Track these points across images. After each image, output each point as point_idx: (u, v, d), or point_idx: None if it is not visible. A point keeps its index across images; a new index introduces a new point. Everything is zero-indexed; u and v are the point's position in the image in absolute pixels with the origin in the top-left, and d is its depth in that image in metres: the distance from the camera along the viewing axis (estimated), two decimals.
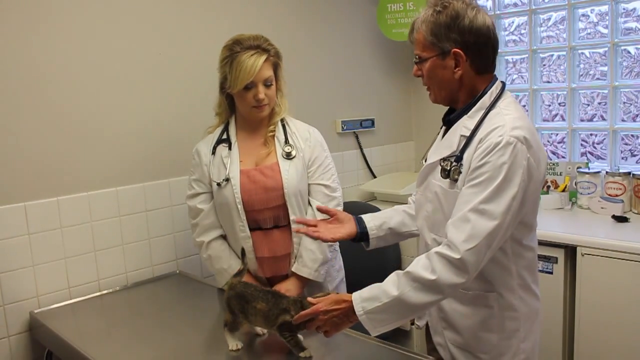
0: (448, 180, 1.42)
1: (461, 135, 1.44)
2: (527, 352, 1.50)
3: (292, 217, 1.89)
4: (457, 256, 1.29)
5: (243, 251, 1.70)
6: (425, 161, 1.57)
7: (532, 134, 1.37)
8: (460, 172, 1.40)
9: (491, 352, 1.49)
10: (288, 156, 1.90)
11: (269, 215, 1.90)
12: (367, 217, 1.70)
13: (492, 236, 1.31)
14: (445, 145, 1.48)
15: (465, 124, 1.44)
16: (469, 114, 1.45)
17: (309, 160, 1.93)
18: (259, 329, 1.64)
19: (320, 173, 1.95)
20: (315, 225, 1.64)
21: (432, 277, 1.30)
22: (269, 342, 1.64)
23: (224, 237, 1.98)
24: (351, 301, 1.38)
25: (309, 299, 1.45)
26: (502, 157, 1.31)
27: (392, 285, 1.35)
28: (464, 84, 1.45)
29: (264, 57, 1.82)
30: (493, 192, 1.31)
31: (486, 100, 1.44)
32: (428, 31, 1.42)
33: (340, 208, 1.96)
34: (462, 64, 1.41)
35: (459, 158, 1.41)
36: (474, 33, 1.39)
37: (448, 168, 1.42)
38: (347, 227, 1.65)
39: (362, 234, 1.66)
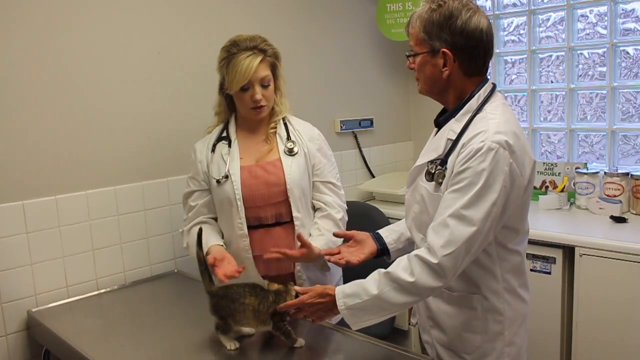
0: (433, 183, 1.43)
1: (448, 139, 1.43)
2: (512, 356, 1.49)
3: (294, 214, 1.89)
4: (435, 261, 1.31)
5: (200, 234, 1.63)
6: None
7: (517, 139, 1.35)
8: (444, 176, 1.40)
9: (474, 353, 1.49)
10: (290, 152, 1.91)
11: (271, 211, 1.90)
12: (384, 232, 1.72)
13: (471, 242, 1.32)
14: (432, 147, 1.49)
15: (452, 127, 1.44)
16: (456, 117, 1.44)
17: (315, 158, 1.94)
18: (247, 329, 1.63)
19: (328, 171, 1.97)
20: (338, 252, 1.68)
21: (411, 279, 1.33)
22: (267, 341, 1.63)
23: (206, 222, 1.94)
24: (334, 295, 1.42)
25: (296, 288, 1.51)
26: (482, 162, 1.31)
27: (372, 284, 1.38)
28: (451, 85, 1.44)
29: (259, 58, 1.83)
30: (473, 198, 1.31)
31: (473, 103, 1.43)
32: (421, 27, 1.42)
33: (344, 205, 2.00)
34: (450, 64, 1.41)
35: (443, 162, 1.41)
36: (465, 35, 1.38)
37: (432, 171, 1.42)
38: (368, 247, 1.68)
39: (382, 250, 1.69)
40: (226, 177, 1.88)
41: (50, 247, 2.03)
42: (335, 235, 1.77)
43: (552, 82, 2.96)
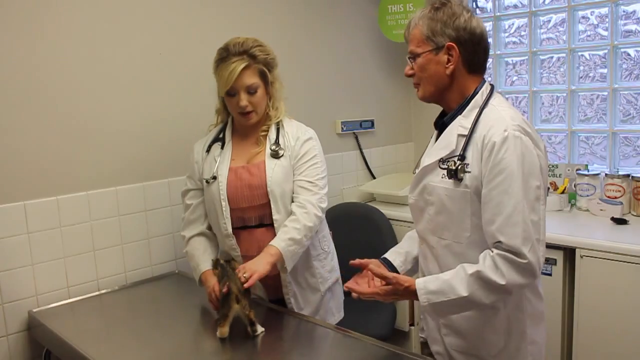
0: (452, 180, 1.43)
1: (459, 135, 1.44)
2: (534, 355, 1.50)
3: (274, 217, 1.87)
4: (524, 260, 1.31)
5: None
6: (418, 168, 1.56)
7: (530, 126, 1.41)
8: (466, 171, 1.40)
9: (498, 354, 1.48)
10: (275, 155, 1.89)
11: (254, 213, 1.90)
12: (391, 256, 1.70)
13: (539, 230, 1.35)
14: (441, 146, 1.49)
15: (461, 124, 1.46)
16: (463, 113, 1.46)
17: (296, 157, 1.90)
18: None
19: (304, 169, 1.90)
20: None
21: (502, 282, 1.32)
22: (268, 342, 1.64)
23: (204, 234, 1.98)
24: (414, 289, 1.40)
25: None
26: (514, 151, 1.34)
27: (460, 284, 1.36)
28: (454, 82, 1.47)
29: (243, 65, 1.80)
30: (521, 188, 1.33)
31: (478, 99, 1.47)
32: (425, 26, 1.45)
33: (324, 205, 1.90)
34: (455, 59, 1.44)
35: (462, 157, 1.42)
36: (468, 32, 1.44)
37: (454, 167, 1.42)
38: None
39: None
40: (214, 178, 1.90)
41: (51, 247, 2.03)
42: (351, 264, 1.61)
43: (552, 83, 2.97)
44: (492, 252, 1.35)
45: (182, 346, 1.66)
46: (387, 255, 1.71)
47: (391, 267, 1.66)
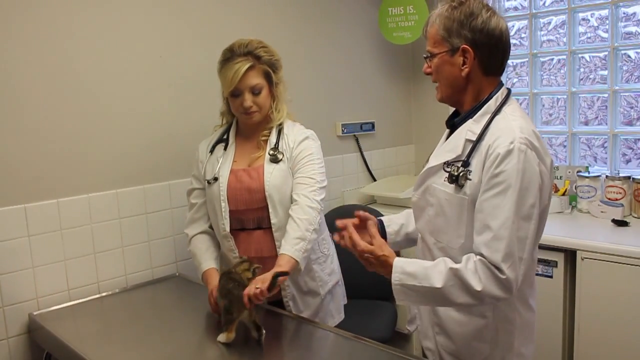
0: (453, 185, 1.41)
1: (466, 140, 1.42)
2: None
3: (272, 220, 1.88)
4: (503, 276, 1.30)
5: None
6: (425, 167, 1.56)
7: (539, 140, 1.38)
8: (467, 178, 1.39)
9: None
10: (274, 160, 1.90)
11: (252, 216, 1.91)
12: (386, 221, 1.69)
13: (523, 248, 1.32)
14: (448, 148, 1.47)
15: (470, 128, 1.43)
16: (474, 118, 1.44)
17: (293, 159, 1.90)
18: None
19: (300, 167, 1.89)
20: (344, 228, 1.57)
21: (478, 287, 1.30)
22: (267, 344, 1.63)
23: (207, 232, 2.00)
24: (390, 261, 1.40)
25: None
26: (516, 164, 1.31)
27: (437, 275, 1.34)
28: (470, 84, 1.44)
29: (247, 65, 1.81)
30: (513, 203, 1.30)
31: (492, 104, 1.43)
32: (441, 25, 1.42)
33: (319, 197, 1.87)
34: (470, 61, 1.40)
35: (466, 163, 1.40)
36: (485, 34, 1.39)
37: (456, 173, 1.40)
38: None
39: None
40: (215, 179, 1.91)
41: (52, 250, 2.03)
42: (356, 215, 1.62)
43: (553, 85, 2.97)
44: (476, 257, 1.34)
45: (183, 349, 1.66)
46: (383, 218, 1.69)
47: (382, 231, 1.66)
